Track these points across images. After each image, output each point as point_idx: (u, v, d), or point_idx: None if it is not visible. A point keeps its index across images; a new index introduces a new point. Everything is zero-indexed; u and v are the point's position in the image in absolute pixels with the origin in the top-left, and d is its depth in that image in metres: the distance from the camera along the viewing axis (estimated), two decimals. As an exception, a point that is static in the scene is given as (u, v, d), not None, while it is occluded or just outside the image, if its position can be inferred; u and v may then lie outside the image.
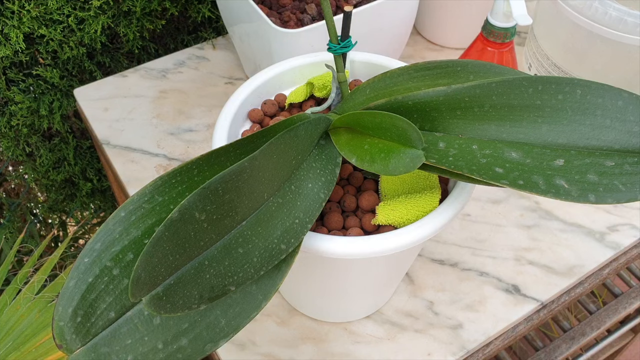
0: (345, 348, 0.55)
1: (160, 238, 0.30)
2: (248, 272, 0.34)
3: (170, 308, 0.31)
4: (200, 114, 0.76)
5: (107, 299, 0.33)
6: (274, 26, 0.60)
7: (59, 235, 1.04)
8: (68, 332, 0.33)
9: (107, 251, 0.34)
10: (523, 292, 0.59)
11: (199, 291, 0.32)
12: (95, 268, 0.34)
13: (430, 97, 0.38)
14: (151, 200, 0.35)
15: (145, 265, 0.30)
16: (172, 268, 0.31)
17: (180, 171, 0.36)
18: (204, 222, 0.32)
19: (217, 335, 0.34)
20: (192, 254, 0.32)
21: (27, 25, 0.72)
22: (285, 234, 0.36)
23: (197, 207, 0.32)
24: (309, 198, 0.38)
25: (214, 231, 0.33)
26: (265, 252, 0.35)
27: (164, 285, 0.31)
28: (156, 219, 0.35)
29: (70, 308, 0.33)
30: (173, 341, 0.33)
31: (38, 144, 0.87)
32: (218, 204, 0.33)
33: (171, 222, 0.31)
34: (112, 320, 0.33)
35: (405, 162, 0.35)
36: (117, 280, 0.34)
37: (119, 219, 0.35)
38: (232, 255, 0.34)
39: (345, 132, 0.41)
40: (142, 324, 0.33)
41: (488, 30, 0.60)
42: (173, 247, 0.31)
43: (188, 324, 0.34)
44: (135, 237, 0.34)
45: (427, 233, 0.40)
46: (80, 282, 0.33)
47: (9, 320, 0.69)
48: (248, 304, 0.35)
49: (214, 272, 0.33)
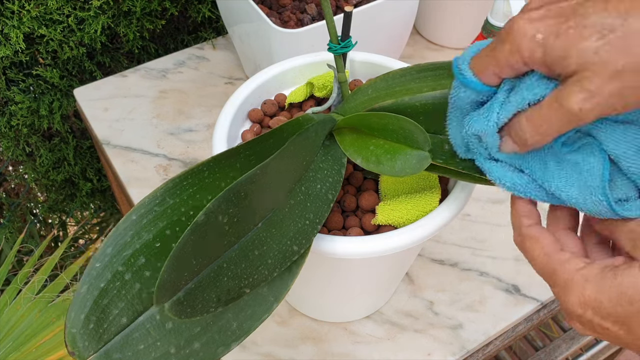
0: (345, 348, 0.55)
1: (186, 242, 0.30)
2: (262, 274, 0.34)
3: (190, 312, 0.31)
4: (200, 114, 0.76)
5: (119, 305, 0.33)
6: (274, 26, 0.60)
7: (59, 235, 1.04)
8: (80, 339, 0.32)
9: (119, 255, 0.33)
10: (523, 292, 0.59)
11: (217, 294, 0.32)
12: (107, 273, 0.33)
13: (437, 99, 0.38)
14: (162, 202, 0.35)
15: (171, 270, 0.29)
16: (194, 272, 0.31)
17: (191, 173, 0.36)
18: (225, 224, 0.32)
19: (229, 338, 0.33)
20: (212, 257, 0.32)
21: (27, 25, 0.72)
22: (298, 236, 0.36)
23: (222, 210, 0.31)
24: (319, 199, 0.38)
25: (234, 234, 0.33)
26: (279, 254, 0.35)
27: (185, 290, 0.31)
28: (167, 221, 0.35)
29: (82, 314, 0.32)
30: (186, 345, 0.33)
31: (38, 144, 0.87)
32: (240, 207, 0.32)
33: (196, 225, 0.30)
34: (125, 326, 0.33)
35: (412, 164, 0.35)
36: (129, 285, 0.33)
37: (130, 223, 0.34)
38: (249, 258, 0.34)
39: (350, 133, 0.41)
40: (154, 329, 0.33)
41: (488, 30, 0.60)
42: (197, 251, 0.31)
43: (200, 328, 0.33)
44: (146, 240, 0.34)
45: (427, 233, 0.40)
46: (92, 288, 0.33)
47: (9, 321, 0.69)
48: (259, 306, 0.34)
49: (231, 275, 0.33)
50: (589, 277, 0.28)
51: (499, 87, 0.30)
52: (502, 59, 0.28)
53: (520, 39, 0.27)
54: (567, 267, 0.29)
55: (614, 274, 0.27)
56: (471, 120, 0.31)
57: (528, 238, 0.31)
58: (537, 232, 0.31)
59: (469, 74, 0.30)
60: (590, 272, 0.28)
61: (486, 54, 0.29)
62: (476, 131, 0.31)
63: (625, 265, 0.27)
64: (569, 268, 0.29)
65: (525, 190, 0.32)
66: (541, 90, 0.28)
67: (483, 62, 0.30)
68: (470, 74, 0.30)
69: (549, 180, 0.31)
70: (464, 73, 0.30)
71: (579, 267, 0.29)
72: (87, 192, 0.95)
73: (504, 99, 0.30)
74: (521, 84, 0.29)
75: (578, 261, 0.29)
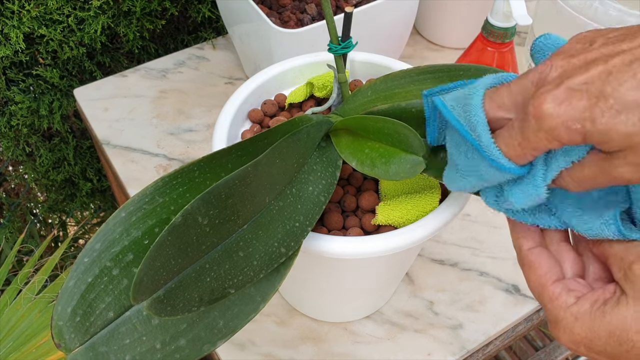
0: (345, 348, 0.55)
1: (162, 243, 0.30)
2: (248, 275, 0.34)
3: (170, 311, 0.31)
4: (200, 114, 0.76)
5: (106, 299, 0.33)
6: (274, 26, 0.60)
7: (59, 236, 1.04)
8: (67, 332, 0.33)
9: (107, 251, 0.34)
10: (523, 292, 0.59)
11: (199, 294, 0.32)
12: (95, 268, 0.34)
13: None
14: (152, 201, 0.35)
15: (147, 270, 0.30)
16: (174, 272, 0.31)
17: (182, 172, 0.36)
18: (206, 226, 0.32)
19: (215, 336, 0.34)
20: (193, 258, 0.32)
21: (27, 25, 0.72)
22: (286, 238, 0.36)
23: (200, 212, 0.32)
24: (310, 201, 0.38)
25: (215, 235, 0.33)
26: (265, 256, 0.35)
27: (165, 289, 0.31)
28: (157, 219, 0.35)
29: (69, 307, 0.33)
30: (171, 341, 0.33)
31: (38, 144, 0.87)
32: (221, 209, 0.33)
33: (174, 227, 0.31)
34: (111, 320, 0.33)
35: (406, 168, 0.35)
36: (116, 280, 0.34)
37: (120, 220, 0.35)
38: (233, 259, 0.34)
39: (347, 135, 0.41)
40: (140, 324, 0.33)
41: (488, 30, 0.60)
42: (175, 252, 0.31)
43: (186, 325, 0.34)
44: (135, 237, 0.34)
45: (427, 233, 0.40)
46: (79, 282, 0.33)
47: (9, 321, 0.69)
48: (246, 305, 0.35)
49: (214, 276, 0.33)
50: (579, 315, 0.28)
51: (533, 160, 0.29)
52: (540, 146, 0.27)
53: (556, 129, 0.25)
54: (558, 304, 0.29)
55: (603, 313, 0.27)
56: (513, 195, 0.30)
57: (526, 263, 0.32)
58: (534, 258, 0.31)
59: (504, 160, 0.29)
60: (579, 309, 0.28)
61: (517, 141, 0.27)
62: (522, 204, 0.30)
63: (614, 302, 0.27)
64: (559, 305, 0.29)
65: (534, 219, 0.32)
66: (580, 152, 0.27)
67: (517, 150, 0.28)
68: (505, 160, 0.28)
69: (563, 209, 0.31)
70: (498, 160, 0.29)
71: (568, 304, 0.29)
72: (87, 192, 0.95)
73: (544, 171, 0.29)
74: (557, 152, 0.28)
75: (568, 298, 0.29)
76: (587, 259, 0.32)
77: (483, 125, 0.29)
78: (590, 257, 0.32)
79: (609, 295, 0.28)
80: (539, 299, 0.31)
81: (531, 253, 0.32)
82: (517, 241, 0.33)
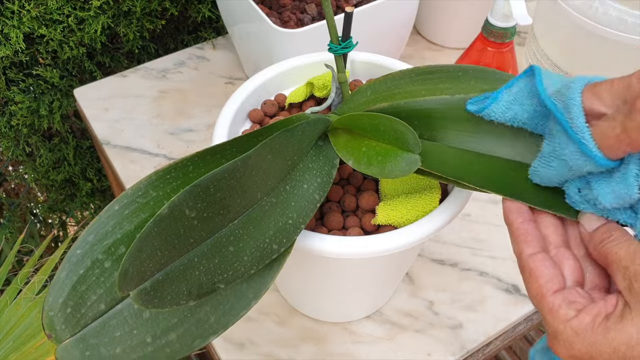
0: (345, 348, 0.55)
1: (149, 234, 0.30)
2: (238, 271, 0.34)
3: (158, 303, 0.31)
4: (200, 114, 0.76)
5: (97, 291, 0.34)
6: (274, 26, 0.60)
7: (59, 235, 1.04)
8: (58, 323, 0.33)
9: (100, 244, 0.34)
10: (523, 292, 0.59)
11: (188, 287, 0.32)
12: (87, 260, 0.34)
13: (433, 105, 0.38)
14: (145, 194, 0.35)
15: (133, 260, 0.30)
16: (161, 264, 0.31)
17: (176, 167, 0.36)
18: (194, 219, 0.32)
19: (207, 331, 0.34)
20: (181, 251, 0.32)
21: (27, 25, 0.72)
22: (278, 234, 0.36)
23: (188, 205, 0.32)
24: (304, 199, 0.38)
25: (204, 229, 0.33)
26: (256, 252, 0.35)
27: (152, 280, 0.31)
28: (149, 213, 0.35)
29: (60, 299, 0.33)
30: (162, 335, 0.33)
31: (38, 144, 0.87)
32: (209, 202, 0.33)
33: (160, 218, 0.31)
34: (102, 312, 0.34)
35: (402, 166, 0.35)
36: (108, 272, 0.34)
37: (113, 212, 0.35)
38: (223, 253, 0.34)
39: (344, 134, 0.41)
40: (131, 317, 0.34)
41: (488, 30, 0.60)
42: (162, 243, 0.31)
43: (177, 319, 0.34)
44: (128, 230, 0.34)
45: (427, 233, 0.40)
46: (71, 274, 0.34)
47: (10, 321, 0.69)
48: (238, 301, 0.35)
49: (203, 269, 0.33)
50: (579, 330, 0.28)
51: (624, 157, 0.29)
52: (639, 144, 0.27)
53: None
54: (557, 316, 0.29)
55: (606, 329, 0.27)
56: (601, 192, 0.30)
57: (527, 270, 0.31)
58: (535, 266, 0.31)
59: (593, 146, 0.28)
60: (580, 324, 0.28)
61: (616, 133, 0.27)
62: (610, 202, 0.30)
63: (617, 317, 0.27)
64: (559, 317, 0.28)
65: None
66: None
67: (612, 141, 0.27)
68: (596, 149, 0.28)
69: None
70: (588, 144, 0.28)
71: (569, 317, 0.28)
72: (87, 192, 0.95)
73: (638, 171, 0.28)
74: None
75: (568, 311, 0.28)
76: (585, 264, 0.31)
77: (578, 109, 0.29)
78: (588, 262, 0.31)
79: (611, 309, 0.27)
80: (538, 308, 0.30)
81: (532, 260, 0.31)
82: (518, 246, 0.32)
